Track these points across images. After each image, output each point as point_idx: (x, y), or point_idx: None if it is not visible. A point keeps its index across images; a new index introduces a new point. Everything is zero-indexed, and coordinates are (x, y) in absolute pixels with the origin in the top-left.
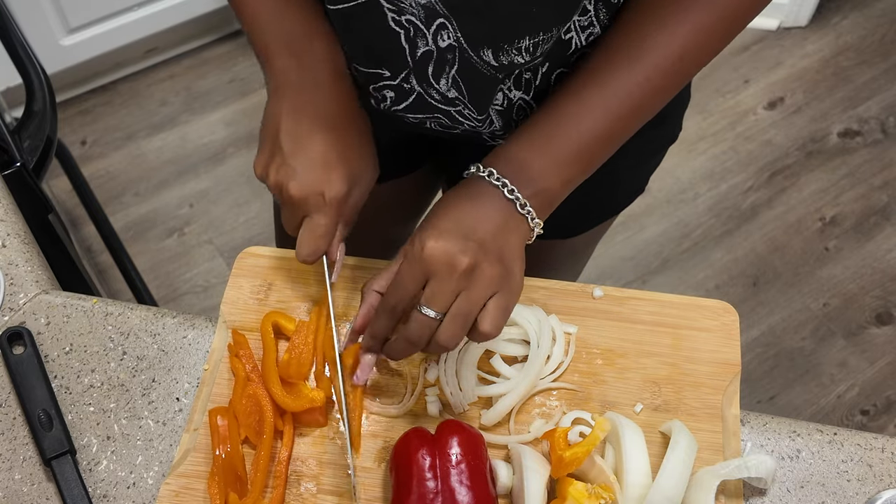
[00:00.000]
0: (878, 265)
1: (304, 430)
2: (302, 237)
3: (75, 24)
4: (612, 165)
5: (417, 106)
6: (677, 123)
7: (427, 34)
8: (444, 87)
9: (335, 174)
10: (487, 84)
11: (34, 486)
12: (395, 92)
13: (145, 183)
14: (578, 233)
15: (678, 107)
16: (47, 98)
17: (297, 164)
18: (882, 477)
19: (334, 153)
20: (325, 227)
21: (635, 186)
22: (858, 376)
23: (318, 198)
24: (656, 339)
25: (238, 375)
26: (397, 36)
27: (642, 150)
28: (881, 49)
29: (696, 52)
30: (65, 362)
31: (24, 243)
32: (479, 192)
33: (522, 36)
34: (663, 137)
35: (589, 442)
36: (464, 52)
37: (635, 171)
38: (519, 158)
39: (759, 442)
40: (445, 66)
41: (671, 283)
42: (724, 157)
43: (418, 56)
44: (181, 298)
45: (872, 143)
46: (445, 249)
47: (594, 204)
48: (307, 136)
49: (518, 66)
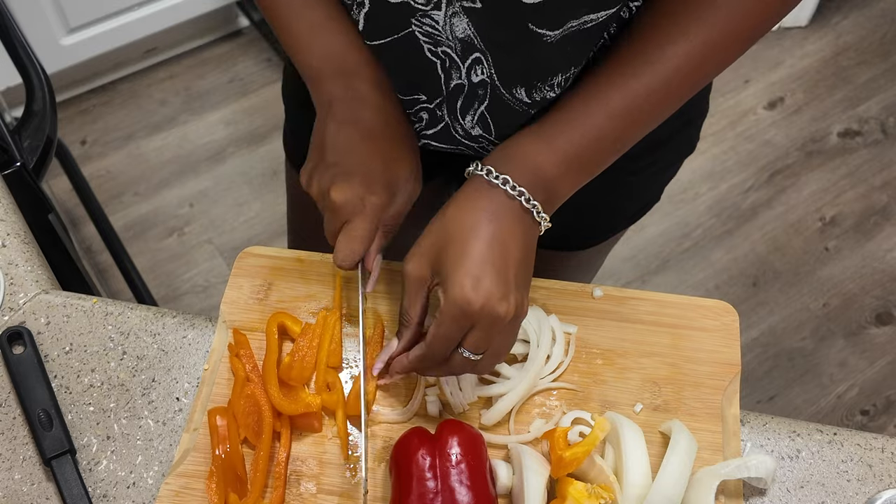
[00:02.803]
0: (877, 265)
1: (305, 431)
2: (340, 242)
3: (75, 23)
4: (625, 178)
5: (444, 136)
6: (695, 135)
7: (462, 67)
8: (469, 125)
9: (376, 182)
10: (516, 119)
11: (34, 485)
12: (428, 115)
13: (145, 183)
14: (591, 244)
15: (695, 119)
16: (47, 98)
17: (339, 172)
18: (882, 477)
19: (377, 162)
20: (364, 231)
21: (648, 198)
22: (858, 376)
23: (358, 203)
24: (656, 339)
25: (237, 375)
26: (434, 65)
27: (658, 163)
28: (881, 49)
29: (703, 64)
30: (65, 362)
31: (24, 243)
32: (483, 196)
33: (556, 73)
34: (679, 149)
35: (589, 442)
36: (496, 89)
37: (650, 183)
38: (520, 153)
39: (758, 442)
40: (475, 102)
41: (671, 283)
42: (725, 157)
43: (451, 87)
44: (181, 298)
45: (872, 143)
46: (488, 299)
47: (607, 215)
48: (351, 146)
49: (551, 101)
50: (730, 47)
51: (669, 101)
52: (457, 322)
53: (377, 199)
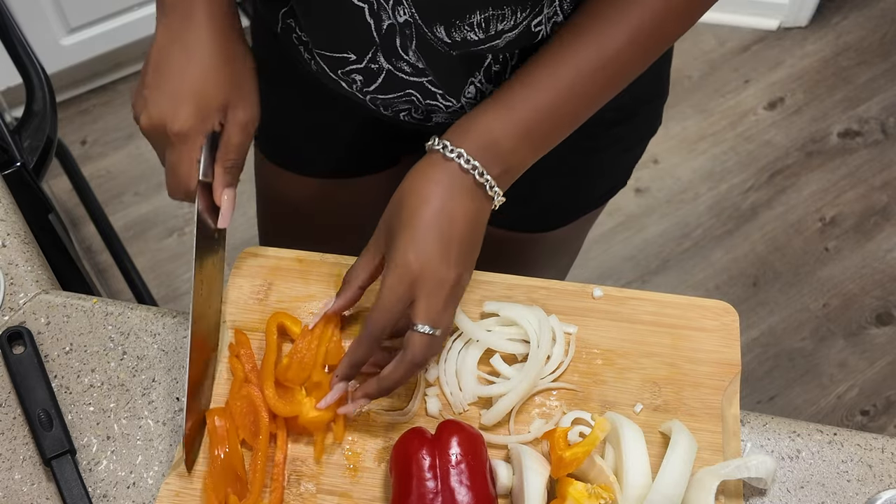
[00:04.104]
0: (878, 265)
1: (299, 434)
2: (166, 175)
3: (75, 23)
4: (589, 158)
5: (388, 85)
6: (656, 116)
7: (387, 8)
8: (414, 58)
9: (182, 108)
10: (447, 63)
11: (34, 485)
12: (363, 75)
13: (145, 183)
14: (560, 225)
15: (655, 99)
16: (47, 98)
17: (150, 96)
18: (882, 477)
19: (187, 86)
20: (176, 163)
21: (615, 180)
22: (858, 376)
23: (161, 131)
24: (656, 340)
25: (236, 376)
26: (362, 11)
27: (619, 143)
28: (881, 49)
29: (660, 30)
30: (65, 362)
31: (24, 243)
32: (439, 169)
33: (472, 10)
34: (640, 130)
35: (589, 442)
36: (419, 28)
37: (615, 163)
38: (476, 128)
39: (759, 442)
40: (407, 42)
41: (671, 283)
42: (725, 158)
43: (384, 30)
44: (181, 298)
45: (873, 144)
46: (428, 262)
47: (574, 197)
48: (168, 68)
49: (472, 43)
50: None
51: (633, 63)
52: (396, 288)
53: (180, 127)
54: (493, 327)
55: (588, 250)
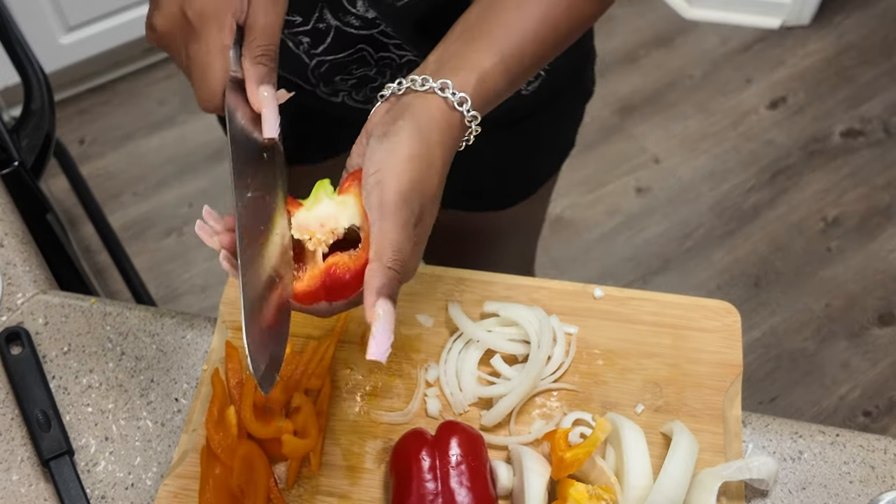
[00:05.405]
0: (880, 266)
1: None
2: (192, 81)
3: (74, 22)
4: (533, 128)
5: (338, 43)
6: (589, 79)
7: None
8: (363, 9)
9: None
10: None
11: (32, 486)
12: (310, 37)
13: (144, 182)
14: (519, 200)
15: (586, 63)
16: (45, 97)
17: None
18: (884, 478)
19: None
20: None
21: (562, 144)
22: (861, 377)
23: (179, 22)
24: (657, 340)
25: (215, 392)
26: None
27: (561, 108)
28: (884, 48)
29: None
30: (63, 362)
31: (23, 243)
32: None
33: None
34: (576, 98)
35: (590, 443)
36: None
37: (557, 132)
38: (448, 54)
39: (760, 443)
40: None
41: (672, 283)
42: (726, 157)
43: None
44: (180, 298)
45: (875, 143)
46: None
47: (526, 168)
48: None
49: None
50: None
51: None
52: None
53: (199, 8)
54: (494, 328)
55: (589, 250)
